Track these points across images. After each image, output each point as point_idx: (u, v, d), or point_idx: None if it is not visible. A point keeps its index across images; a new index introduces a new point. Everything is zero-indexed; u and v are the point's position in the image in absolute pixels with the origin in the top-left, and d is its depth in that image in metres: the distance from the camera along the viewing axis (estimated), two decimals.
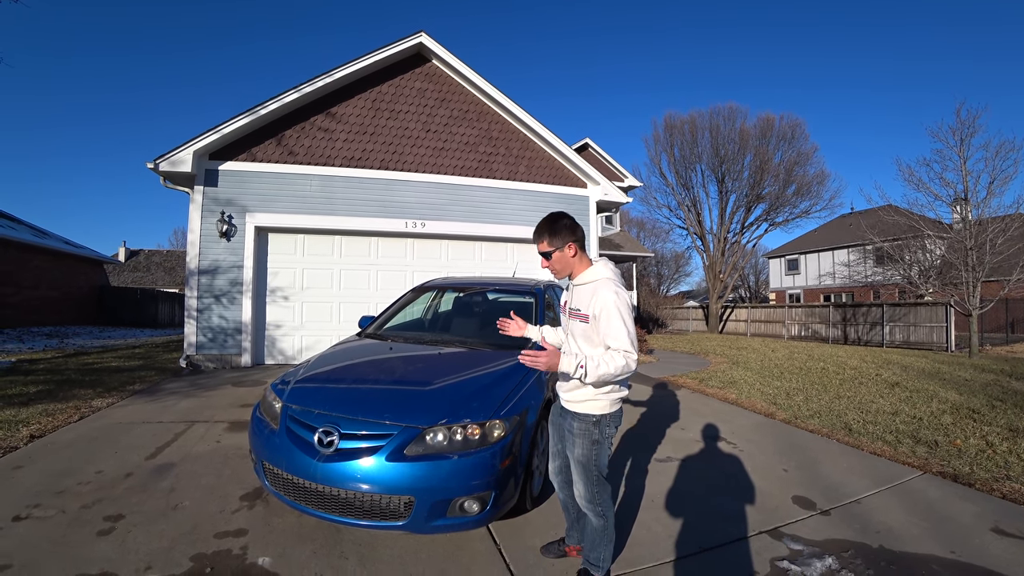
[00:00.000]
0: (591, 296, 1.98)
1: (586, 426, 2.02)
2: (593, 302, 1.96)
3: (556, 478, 2.29)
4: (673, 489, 3.19)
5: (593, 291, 1.99)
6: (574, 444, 2.04)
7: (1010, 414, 5.19)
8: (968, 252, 11.55)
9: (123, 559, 2.25)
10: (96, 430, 4.12)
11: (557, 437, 2.23)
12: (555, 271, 2.11)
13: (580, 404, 2.03)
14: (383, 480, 2.15)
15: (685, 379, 7.24)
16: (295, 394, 2.64)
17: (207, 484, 3.08)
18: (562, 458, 2.24)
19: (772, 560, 2.35)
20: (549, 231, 2.06)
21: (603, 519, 2.04)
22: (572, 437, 2.05)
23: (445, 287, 4.48)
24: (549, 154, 9.24)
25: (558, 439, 2.22)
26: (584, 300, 2.01)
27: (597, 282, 2.02)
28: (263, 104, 7.52)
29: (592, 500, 2.03)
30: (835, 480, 3.37)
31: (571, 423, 2.06)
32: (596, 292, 1.97)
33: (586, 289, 2.04)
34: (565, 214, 2.10)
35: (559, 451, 2.24)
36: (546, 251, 2.08)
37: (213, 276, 7.41)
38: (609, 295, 1.93)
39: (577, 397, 2.04)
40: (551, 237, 2.05)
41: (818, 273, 29.14)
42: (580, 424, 2.03)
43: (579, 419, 2.03)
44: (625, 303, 1.93)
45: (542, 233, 2.08)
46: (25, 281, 13.56)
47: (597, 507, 2.03)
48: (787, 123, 20.56)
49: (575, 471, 2.06)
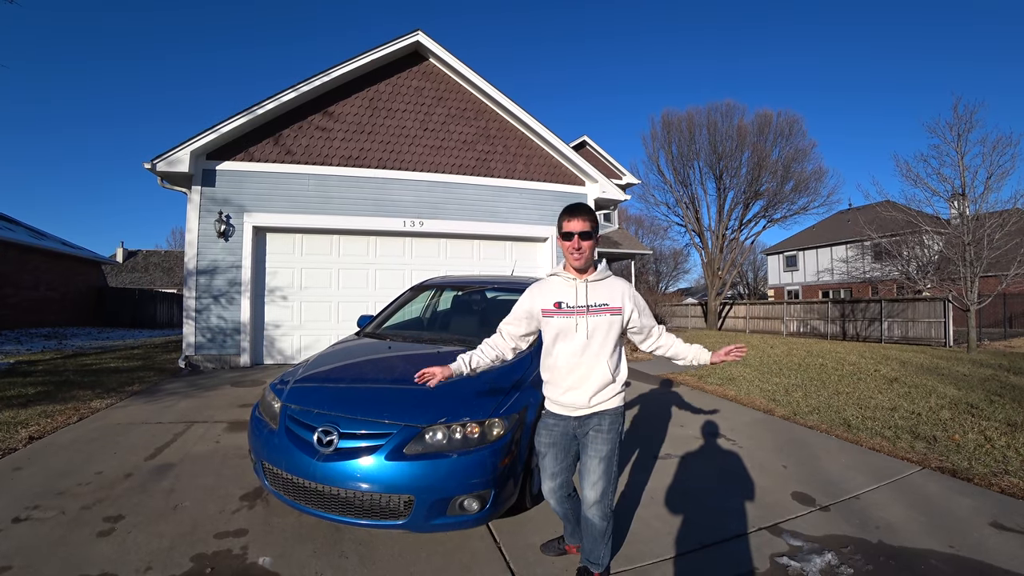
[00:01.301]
0: (610, 290, 2.04)
1: (615, 420, 2.04)
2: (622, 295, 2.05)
3: (556, 494, 2.15)
4: (672, 486, 3.20)
5: (610, 285, 2.06)
6: (604, 443, 2.00)
7: (1008, 409, 5.21)
8: (966, 247, 11.57)
9: (123, 560, 2.26)
10: (95, 431, 4.12)
11: (563, 455, 2.10)
12: (584, 258, 1.99)
13: (609, 401, 2.04)
14: (383, 479, 2.15)
15: (684, 376, 7.25)
16: (294, 394, 2.64)
17: (207, 484, 3.08)
18: (565, 474, 2.13)
19: (772, 556, 2.36)
20: (589, 216, 1.99)
21: (606, 520, 2.02)
22: (602, 436, 2.01)
23: (443, 286, 4.48)
24: (547, 152, 9.23)
25: (563, 456, 2.10)
26: (604, 294, 2.03)
27: (611, 278, 2.08)
28: (260, 104, 7.50)
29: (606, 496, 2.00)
30: (834, 476, 3.38)
31: (599, 423, 2.02)
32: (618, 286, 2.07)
33: (603, 285, 2.05)
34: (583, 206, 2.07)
35: (562, 468, 2.11)
36: (588, 231, 1.98)
37: (211, 276, 7.39)
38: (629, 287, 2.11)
39: (607, 395, 2.03)
40: (593, 222, 2.00)
41: (816, 269, 29.19)
42: (611, 420, 2.03)
43: (609, 416, 2.03)
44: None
45: (587, 212, 2.00)
46: (23, 282, 13.53)
47: (607, 508, 2.01)
48: (785, 119, 20.54)
49: (599, 472, 1.99)
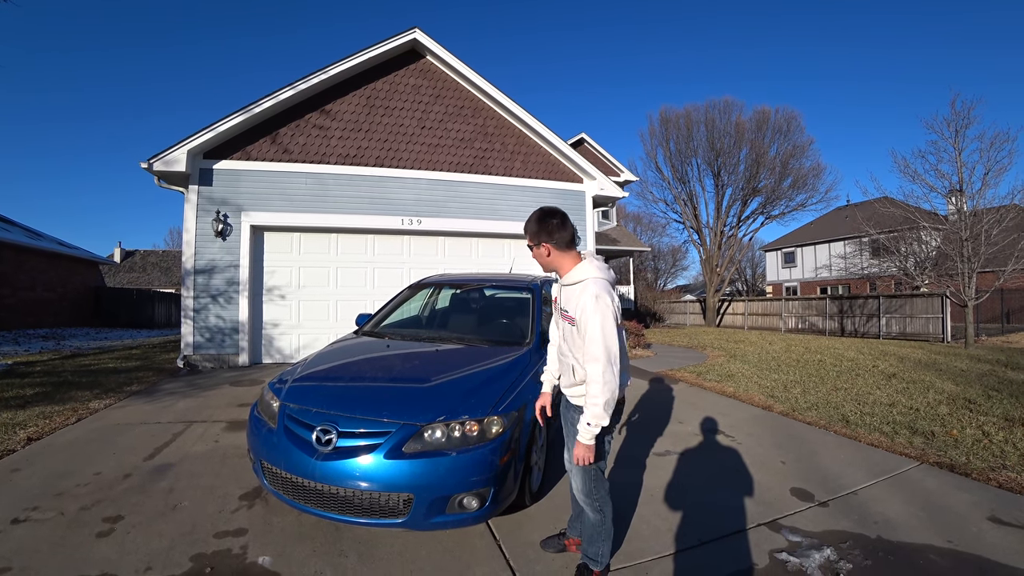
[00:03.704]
0: (578, 296, 1.95)
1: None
2: (578, 304, 1.93)
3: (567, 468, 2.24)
4: (672, 483, 3.21)
5: (581, 291, 1.95)
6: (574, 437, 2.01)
7: (1006, 404, 5.23)
8: (963, 243, 11.59)
9: (122, 560, 2.25)
10: (94, 432, 4.11)
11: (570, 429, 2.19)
12: (542, 264, 2.10)
13: (581, 398, 2.01)
14: (382, 478, 2.15)
15: (683, 373, 7.26)
16: (293, 393, 2.63)
17: (206, 484, 3.07)
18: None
19: (771, 552, 2.37)
20: (530, 228, 2.06)
21: (600, 514, 2.05)
22: (573, 429, 2.03)
23: (442, 284, 4.47)
24: (545, 149, 9.22)
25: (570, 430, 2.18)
26: (572, 300, 1.99)
27: (585, 282, 1.97)
28: (257, 102, 7.46)
29: (588, 494, 2.04)
30: (833, 472, 3.39)
31: (574, 415, 2.06)
32: (581, 293, 1.93)
33: (575, 289, 2.00)
34: (552, 213, 2.04)
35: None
36: (529, 245, 2.09)
37: (209, 276, 7.37)
38: (589, 299, 1.88)
39: (578, 392, 2.05)
40: (530, 234, 2.06)
41: (815, 266, 29.24)
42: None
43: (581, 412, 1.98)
44: (606, 308, 1.87)
45: (527, 228, 2.08)
46: (20, 283, 13.47)
47: (594, 502, 2.04)
48: (783, 116, 20.53)
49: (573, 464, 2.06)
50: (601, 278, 1.97)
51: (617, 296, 2.01)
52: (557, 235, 2.01)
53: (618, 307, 1.96)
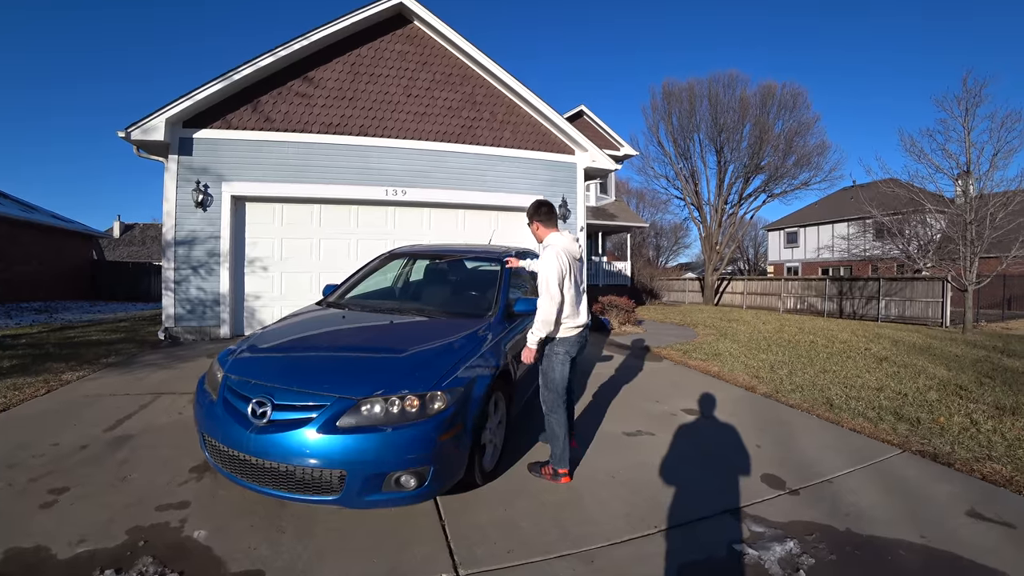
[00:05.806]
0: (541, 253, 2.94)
1: (549, 346, 2.88)
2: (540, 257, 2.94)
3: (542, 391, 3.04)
4: (638, 464, 3.10)
5: (543, 250, 2.94)
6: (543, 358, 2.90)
7: (998, 391, 5.08)
8: (968, 226, 11.30)
9: (59, 532, 2.20)
10: (61, 403, 4.06)
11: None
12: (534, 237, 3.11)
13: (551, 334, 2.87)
14: (314, 452, 2.05)
15: (669, 350, 7.14)
16: (236, 364, 2.53)
17: (162, 456, 3.02)
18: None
19: (730, 543, 2.24)
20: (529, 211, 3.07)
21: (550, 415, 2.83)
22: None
23: (415, 255, 4.32)
24: (536, 119, 8.90)
25: None
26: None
27: (548, 247, 2.89)
28: (237, 69, 7.19)
29: (544, 398, 2.88)
30: (809, 458, 3.27)
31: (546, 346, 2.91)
32: (543, 251, 2.92)
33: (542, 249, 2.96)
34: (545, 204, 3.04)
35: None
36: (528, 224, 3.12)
37: (190, 247, 7.23)
38: (544, 257, 2.86)
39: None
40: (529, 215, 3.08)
41: (817, 246, 28.86)
42: (548, 346, 2.89)
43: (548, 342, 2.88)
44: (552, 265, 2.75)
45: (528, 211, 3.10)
46: (15, 257, 13.43)
47: (550, 413, 2.83)
48: (788, 91, 19.83)
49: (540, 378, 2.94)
50: (557, 245, 2.87)
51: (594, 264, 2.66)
52: (544, 218, 3.01)
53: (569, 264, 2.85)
